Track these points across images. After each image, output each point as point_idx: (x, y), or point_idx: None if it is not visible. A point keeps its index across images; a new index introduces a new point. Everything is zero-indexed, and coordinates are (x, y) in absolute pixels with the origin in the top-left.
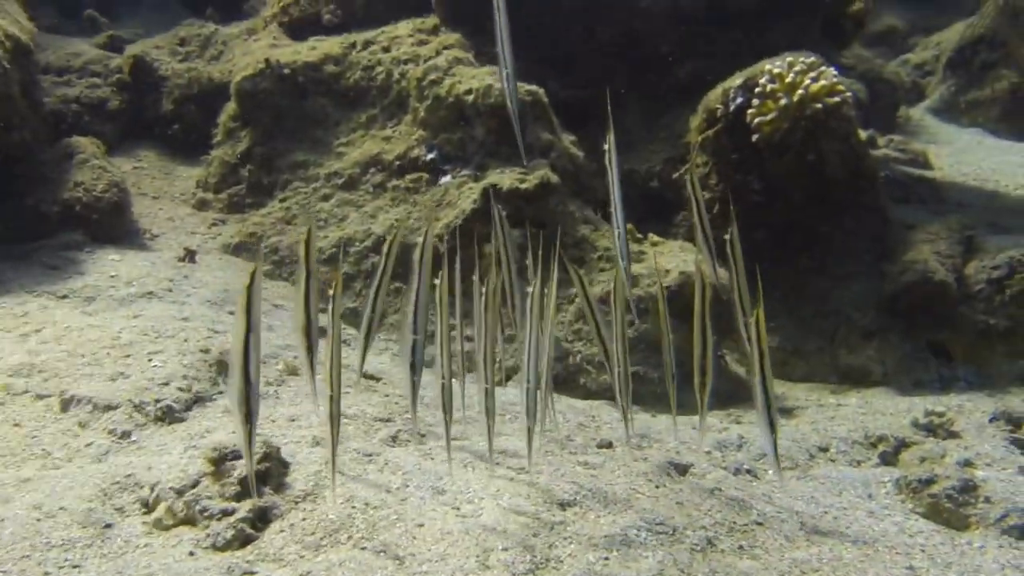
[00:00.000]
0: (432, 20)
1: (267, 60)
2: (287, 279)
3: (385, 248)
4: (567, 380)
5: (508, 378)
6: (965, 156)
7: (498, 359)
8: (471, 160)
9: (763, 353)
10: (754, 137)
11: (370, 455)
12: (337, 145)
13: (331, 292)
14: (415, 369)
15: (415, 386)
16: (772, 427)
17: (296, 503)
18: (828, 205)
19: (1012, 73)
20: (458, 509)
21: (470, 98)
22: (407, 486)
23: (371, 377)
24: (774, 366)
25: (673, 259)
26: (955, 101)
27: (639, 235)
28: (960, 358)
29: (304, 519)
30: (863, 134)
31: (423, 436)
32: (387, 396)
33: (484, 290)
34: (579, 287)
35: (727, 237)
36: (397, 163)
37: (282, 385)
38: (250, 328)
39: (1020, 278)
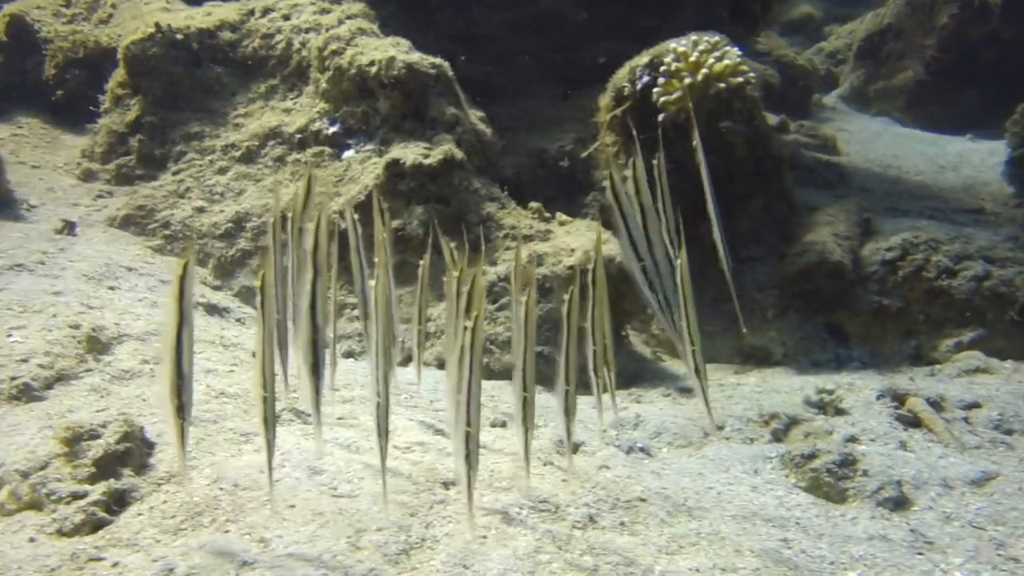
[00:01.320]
0: None
1: (158, 25)
2: (179, 255)
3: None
4: None
5: (409, 359)
6: (872, 143)
7: (398, 340)
8: (375, 134)
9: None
10: (660, 116)
11: (247, 435)
12: (235, 116)
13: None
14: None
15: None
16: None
17: (159, 485)
18: (734, 187)
19: (916, 63)
20: (335, 489)
21: (373, 70)
22: (283, 466)
23: None
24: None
25: (580, 238)
26: (864, 90)
27: (547, 214)
28: (855, 338)
29: (165, 502)
30: (772, 118)
31: (307, 415)
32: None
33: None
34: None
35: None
36: (298, 136)
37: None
38: (183, 320)
39: (912, 260)
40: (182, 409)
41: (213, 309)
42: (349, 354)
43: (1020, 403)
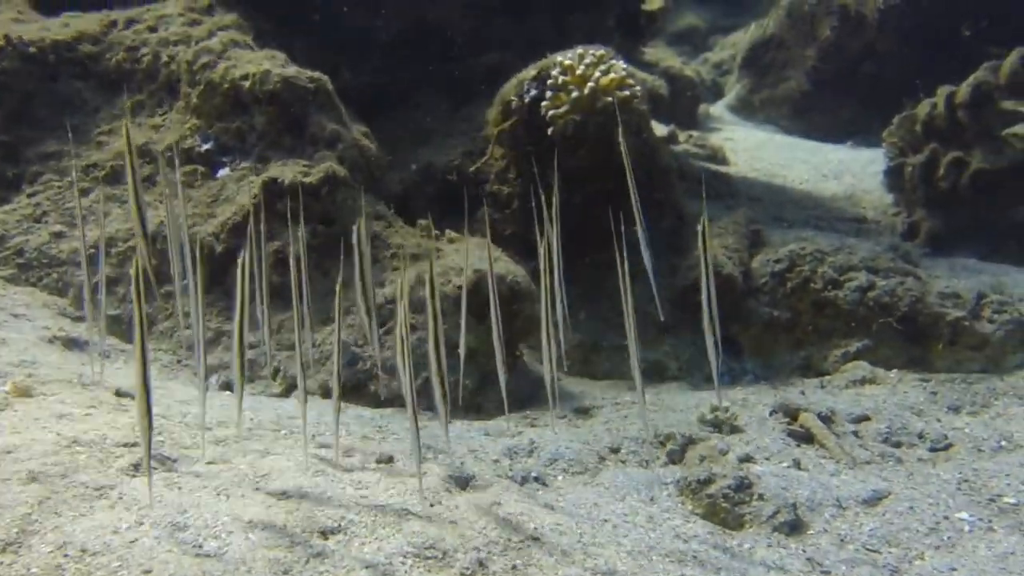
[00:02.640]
0: None
1: (7, 36)
2: (35, 284)
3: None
4: (357, 387)
5: (291, 388)
6: (758, 152)
7: (280, 368)
8: (251, 151)
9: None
10: (549, 130)
11: (101, 488)
12: (98, 134)
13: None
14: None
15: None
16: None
17: None
18: (623, 200)
19: (799, 73)
20: (200, 547)
21: (247, 84)
22: (141, 524)
23: (125, 395)
24: (576, 364)
25: (470, 256)
26: (750, 99)
27: (436, 231)
28: (748, 351)
29: None
30: (662, 129)
31: (174, 461)
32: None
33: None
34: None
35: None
36: (168, 154)
37: (6, 410)
38: None
39: (799, 271)
40: None
41: (72, 343)
42: (228, 386)
43: (906, 414)
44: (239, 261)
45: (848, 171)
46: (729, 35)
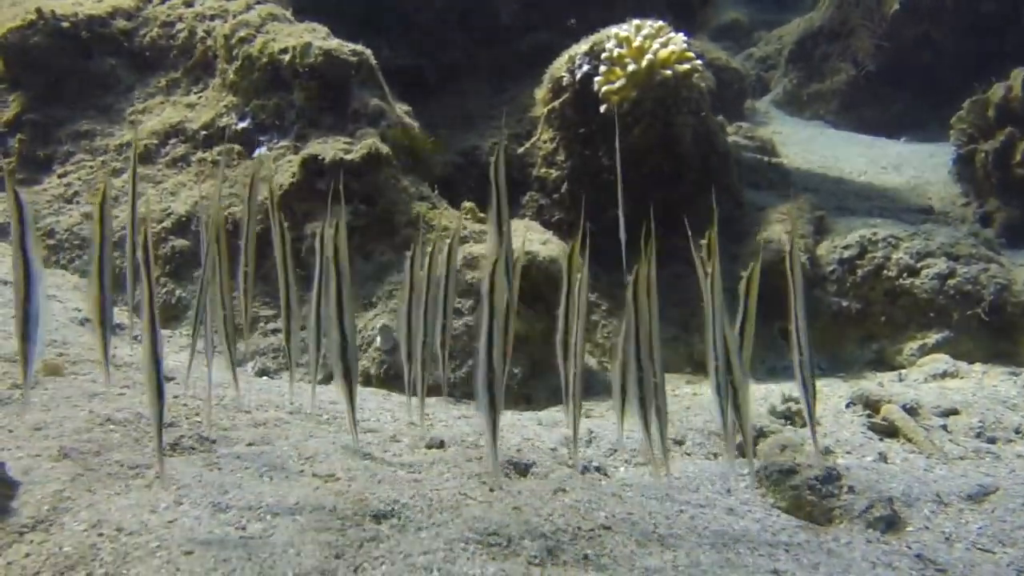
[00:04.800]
0: None
1: (39, 10)
2: (65, 266)
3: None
4: (399, 375)
5: (331, 376)
6: (810, 145)
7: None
8: (290, 129)
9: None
10: (602, 108)
11: (137, 467)
12: (131, 113)
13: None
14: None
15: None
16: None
17: (21, 534)
18: (681, 183)
19: (848, 65)
20: (243, 529)
21: (286, 58)
22: (180, 504)
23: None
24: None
25: (518, 239)
26: (797, 94)
27: (481, 214)
28: (814, 344)
29: (28, 555)
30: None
31: (213, 442)
32: (176, 397)
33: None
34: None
35: None
36: (203, 133)
37: (35, 387)
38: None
39: (871, 257)
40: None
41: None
42: (264, 372)
43: (999, 408)
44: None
45: (908, 163)
46: (773, 30)
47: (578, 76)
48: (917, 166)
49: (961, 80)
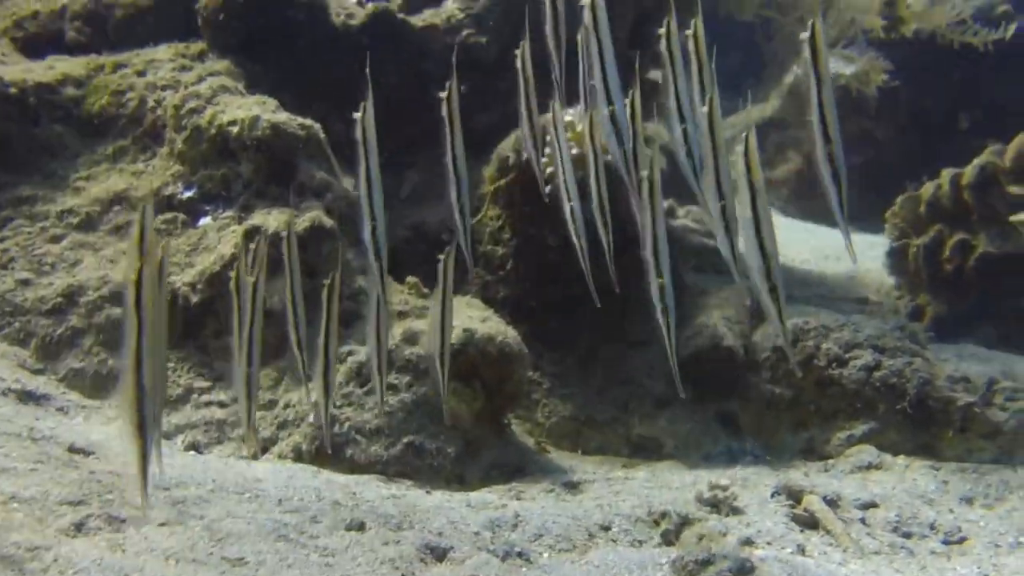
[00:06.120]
0: (199, 45)
1: None
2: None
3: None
4: (333, 451)
5: (265, 450)
6: None
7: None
8: (235, 200)
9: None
10: (547, 188)
11: (34, 550)
12: (76, 179)
13: None
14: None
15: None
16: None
17: None
18: (624, 264)
19: (798, 155)
20: None
21: (234, 130)
22: None
23: (78, 451)
24: (566, 438)
25: (458, 315)
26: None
27: (424, 290)
28: (747, 429)
29: None
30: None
31: (122, 521)
32: (92, 473)
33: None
34: None
35: None
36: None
37: None
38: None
39: (803, 346)
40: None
41: (28, 396)
42: (194, 446)
43: (916, 503)
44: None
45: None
46: (728, 116)
47: (524, 156)
48: (858, 256)
49: (904, 174)
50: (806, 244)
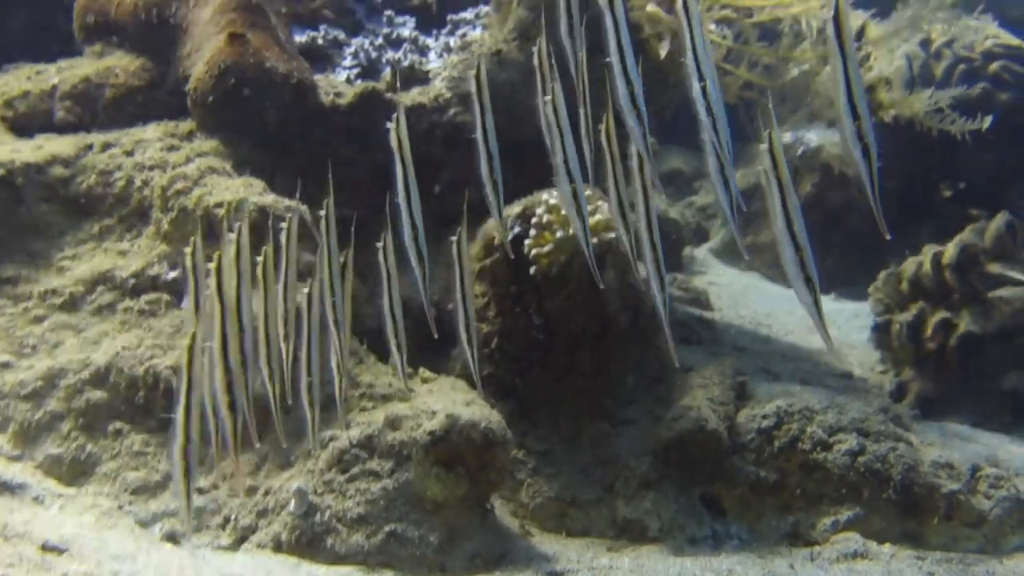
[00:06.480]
0: (188, 124)
1: None
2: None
3: None
4: (312, 541)
5: (244, 538)
6: (743, 298)
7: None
8: None
9: None
10: (532, 269)
11: None
12: (60, 259)
13: None
14: None
15: None
16: None
17: None
18: (608, 344)
19: None
20: None
21: (221, 212)
22: None
23: (52, 549)
24: (551, 519)
25: (443, 398)
26: (734, 245)
27: (409, 369)
28: (732, 513)
29: None
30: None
31: None
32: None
33: None
34: None
35: None
36: (132, 281)
37: None
38: None
39: (787, 428)
40: None
41: (3, 487)
42: (172, 536)
43: None
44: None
45: (833, 323)
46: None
47: (510, 236)
48: (842, 327)
49: (889, 242)
50: (791, 315)
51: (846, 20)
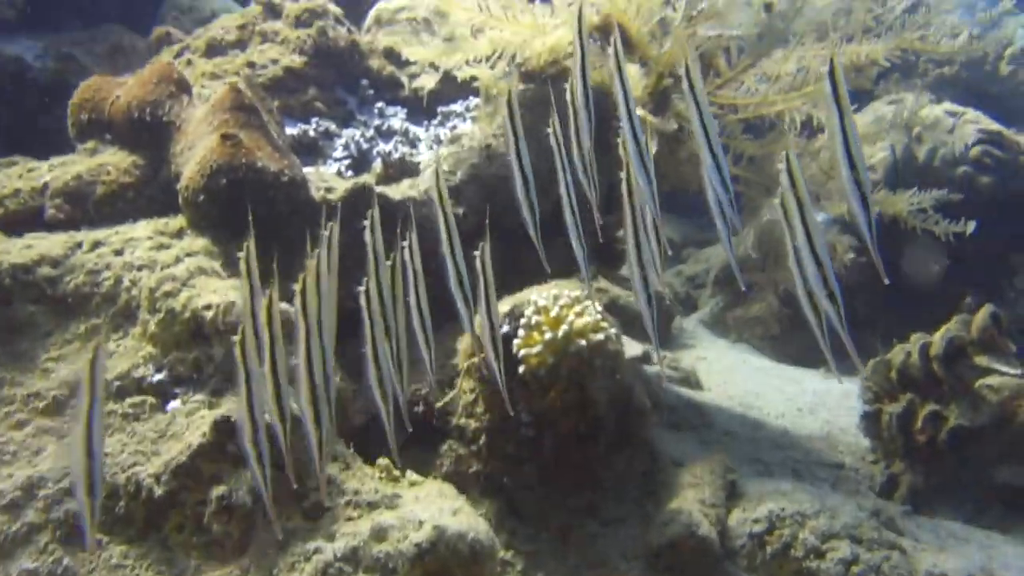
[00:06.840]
0: (179, 222)
1: None
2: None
3: None
4: None
5: None
6: (732, 376)
7: None
8: (206, 383)
9: None
10: (520, 368)
11: None
12: (46, 359)
13: None
14: None
15: None
16: None
17: None
18: (597, 442)
19: (771, 295)
20: None
21: (209, 314)
22: None
23: None
24: None
25: (430, 507)
26: (723, 316)
27: (396, 472)
28: None
29: None
30: (636, 348)
31: None
32: None
33: None
34: None
35: None
36: (116, 383)
37: None
38: None
39: (779, 534)
40: None
41: None
42: None
43: None
44: None
45: (823, 405)
46: (703, 249)
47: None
48: (832, 408)
49: (877, 316)
50: (780, 394)
51: (841, 77)
